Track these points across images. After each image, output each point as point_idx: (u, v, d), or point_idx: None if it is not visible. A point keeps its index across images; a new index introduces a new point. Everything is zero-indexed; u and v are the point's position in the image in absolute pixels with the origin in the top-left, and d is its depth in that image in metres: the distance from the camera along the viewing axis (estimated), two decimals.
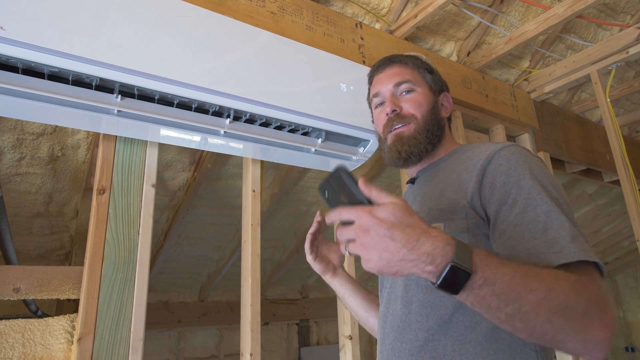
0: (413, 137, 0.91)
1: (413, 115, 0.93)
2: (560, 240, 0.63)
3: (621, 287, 5.59)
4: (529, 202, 0.68)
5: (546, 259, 0.62)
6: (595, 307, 0.57)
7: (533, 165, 0.73)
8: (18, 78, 0.94)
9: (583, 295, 0.57)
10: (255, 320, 1.29)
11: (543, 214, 0.66)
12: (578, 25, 2.20)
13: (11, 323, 0.98)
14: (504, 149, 0.77)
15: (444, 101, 1.00)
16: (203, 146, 1.28)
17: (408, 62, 0.98)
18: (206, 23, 1.16)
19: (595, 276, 0.61)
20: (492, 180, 0.73)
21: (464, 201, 0.75)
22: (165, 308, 2.94)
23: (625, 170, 1.98)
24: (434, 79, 0.99)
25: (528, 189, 0.69)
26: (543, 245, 0.63)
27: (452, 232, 0.73)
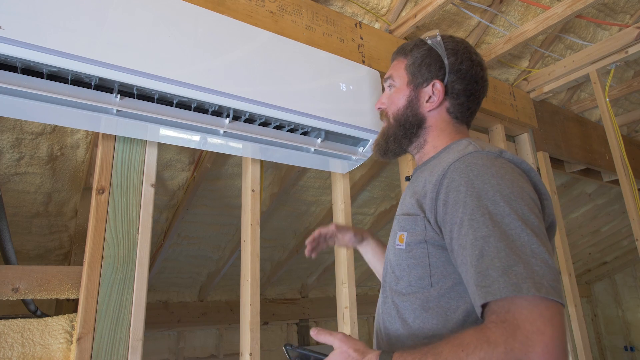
0: (385, 133, 0.97)
1: (387, 114, 0.97)
2: (491, 272, 0.61)
3: (620, 286, 5.60)
4: (471, 224, 0.66)
5: (477, 293, 0.62)
6: (509, 357, 0.56)
7: (487, 178, 0.69)
8: (17, 77, 0.94)
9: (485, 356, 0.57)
10: (254, 319, 1.29)
11: (481, 238, 0.64)
12: (577, 25, 2.20)
13: (10, 323, 0.98)
14: (459, 161, 0.74)
15: (433, 91, 0.91)
16: (202, 146, 1.27)
17: (407, 52, 0.97)
18: (205, 22, 1.15)
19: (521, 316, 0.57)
20: (445, 198, 0.72)
21: (423, 214, 0.77)
22: (164, 308, 2.94)
23: (624, 169, 1.98)
24: (420, 69, 0.92)
25: (471, 209, 0.67)
26: (476, 276, 0.63)
27: (413, 242, 0.78)
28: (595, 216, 3.83)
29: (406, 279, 0.78)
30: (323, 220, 2.65)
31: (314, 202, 2.53)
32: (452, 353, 0.60)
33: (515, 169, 0.73)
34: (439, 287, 0.74)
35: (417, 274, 0.77)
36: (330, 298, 3.74)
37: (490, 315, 0.60)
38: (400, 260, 0.80)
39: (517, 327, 0.56)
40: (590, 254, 4.84)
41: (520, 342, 0.56)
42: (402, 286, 0.79)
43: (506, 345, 0.56)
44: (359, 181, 2.46)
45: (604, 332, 5.71)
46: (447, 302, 0.73)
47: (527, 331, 0.56)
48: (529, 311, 0.57)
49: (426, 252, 0.76)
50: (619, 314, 5.57)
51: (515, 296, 0.58)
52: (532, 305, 0.58)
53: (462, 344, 0.60)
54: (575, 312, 2.10)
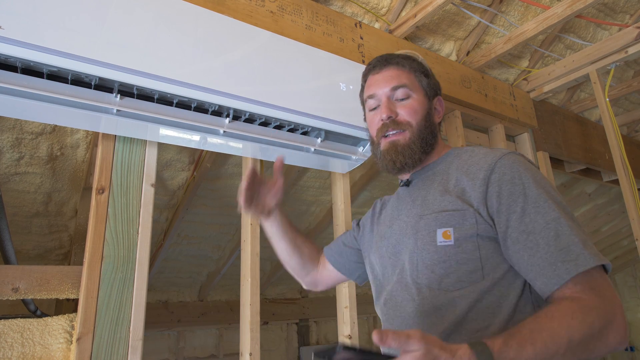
0: (408, 146, 0.90)
1: (409, 122, 0.91)
2: (573, 247, 0.68)
3: (620, 286, 5.59)
4: (537, 211, 0.72)
5: (565, 267, 0.68)
6: (605, 322, 0.64)
7: (534, 173, 0.77)
8: (17, 77, 0.94)
9: (594, 322, 0.63)
10: (254, 319, 1.29)
11: (553, 221, 0.71)
12: (577, 24, 2.20)
13: (10, 323, 0.98)
14: (505, 157, 0.80)
15: (437, 105, 0.98)
16: (202, 145, 1.27)
17: (405, 65, 0.95)
18: (205, 22, 1.15)
19: (600, 283, 0.67)
20: (498, 190, 0.76)
21: (472, 208, 0.78)
22: (164, 307, 2.94)
23: (624, 169, 1.98)
24: (430, 82, 0.96)
25: (535, 197, 0.74)
26: (559, 254, 0.69)
27: (462, 236, 0.77)
28: (595, 216, 3.83)
29: (454, 275, 0.77)
30: (323, 220, 2.65)
31: (314, 202, 2.53)
32: (564, 324, 0.63)
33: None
34: (491, 278, 0.75)
35: (467, 268, 0.76)
36: (330, 298, 3.74)
37: (574, 287, 0.67)
38: (447, 257, 0.78)
39: (603, 294, 0.66)
40: None
41: (609, 304, 0.65)
42: (449, 283, 0.77)
43: (603, 308, 0.65)
44: (359, 181, 2.46)
45: None
46: (499, 291, 0.75)
47: (609, 296, 0.66)
48: (603, 280, 0.68)
49: (477, 246, 0.76)
50: None
51: (590, 269, 0.67)
52: (603, 275, 0.69)
53: (568, 313, 0.64)
54: None
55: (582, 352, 0.63)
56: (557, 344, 0.61)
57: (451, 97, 1.94)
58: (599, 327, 0.63)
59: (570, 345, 0.61)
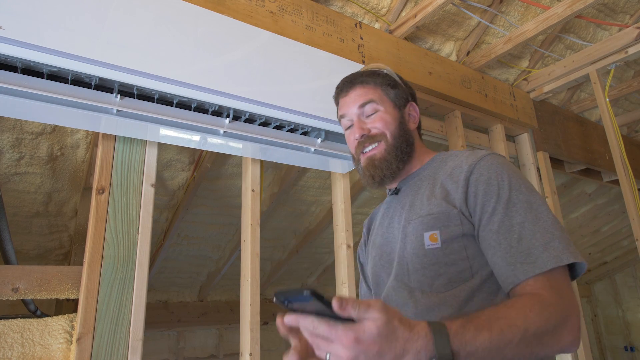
0: (384, 158, 0.93)
1: (383, 133, 0.93)
2: (533, 250, 0.71)
3: (620, 286, 5.59)
4: (506, 212, 0.75)
5: (523, 269, 0.71)
6: (561, 320, 0.66)
7: (511, 173, 0.80)
8: (17, 77, 0.94)
9: (550, 317, 0.65)
10: (254, 319, 1.29)
11: (518, 224, 0.74)
12: (577, 25, 2.20)
13: (10, 323, 0.98)
14: (484, 159, 0.82)
15: (411, 111, 1.00)
16: (202, 146, 1.27)
17: (369, 82, 0.97)
18: (206, 22, 1.15)
19: (560, 283, 0.69)
20: (475, 190, 0.80)
21: (456, 209, 0.80)
22: (164, 308, 2.94)
23: (624, 169, 1.98)
24: (398, 93, 0.98)
25: (506, 198, 0.76)
26: (518, 256, 0.72)
27: (449, 238, 0.79)
28: (595, 216, 3.83)
29: (445, 276, 0.79)
30: (323, 220, 2.65)
31: (314, 202, 2.53)
32: (521, 315, 0.65)
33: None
34: (480, 276, 0.78)
35: (457, 269, 0.78)
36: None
37: (534, 284, 0.70)
38: (436, 259, 0.80)
39: (562, 292, 0.68)
40: (590, 254, 4.84)
41: (566, 304, 0.67)
42: (440, 285, 0.79)
43: (560, 306, 0.67)
44: (359, 181, 2.46)
45: (604, 332, 5.71)
46: (489, 287, 0.77)
47: (567, 296, 0.69)
48: (565, 281, 0.71)
49: (463, 246, 0.79)
50: (619, 314, 5.57)
51: (553, 270, 0.69)
52: (565, 276, 0.71)
53: (527, 305, 0.66)
54: None
55: (536, 345, 0.64)
56: (513, 332, 0.62)
57: (451, 97, 1.94)
58: (554, 324, 0.65)
59: (525, 336, 0.63)
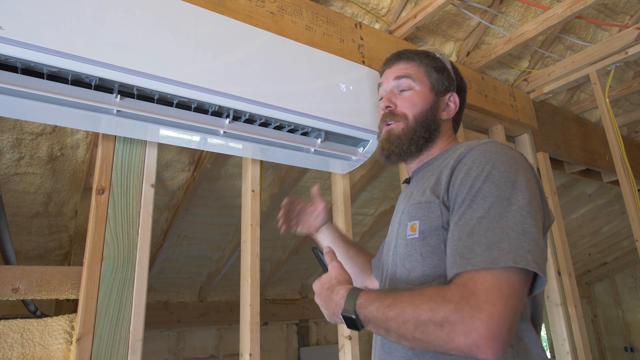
0: (398, 136, 0.93)
1: (405, 115, 0.94)
2: (477, 247, 0.65)
3: (620, 287, 5.59)
4: (470, 205, 0.70)
5: (460, 262, 0.66)
6: (454, 318, 0.60)
7: (497, 164, 0.72)
8: (17, 78, 0.94)
9: (435, 310, 0.61)
10: (254, 320, 1.29)
11: (476, 219, 0.68)
12: (577, 25, 2.21)
13: (10, 323, 0.98)
14: (475, 148, 0.78)
15: (450, 102, 0.98)
16: (202, 146, 1.27)
17: (415, 59, 0.98)
18: (205, 23, 1.15)
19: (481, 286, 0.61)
20: (455, 180, 0.76)
21: (438, 200, 0.78)
22: (164, 308, 2.94)
23: (624, 170, 1.98)
24: (440, 77, 0.97)
25: (476, 191, 0.71)
26: (463, 249, 0.67)
27: (427, 229, 0.77)
28: (595, 217, 3.83)
29: (420, 269, 0.77)
30: None
31: None
32: (409, 298, 0.66)
33: (527, 162, 0.78)
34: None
35: (432, 262, 0.75)
36: None
37: (455, 280, 0.65)
38: (413, 250, 0.79)
39: (473, 293, 0.61)
40: (590, 255, 4.84)
41: (470, 306, 0.59)
42: (414, 277, 0.78)
43: (457, 304, 0.60)
44: (358, 181, 2.46)
45: (604, 333, 5.70)
46: None
47: (480, 299, 0.60)
48: (490, 284, 0.61)
49: (442, 239, 0.75)
50: (619, 315, 5.57)
51: (486, 270, 0.62)
52: (497, 279, 0.61)
53: (421, 293, 0.65)
54: (575, 313, 2.10)
55: (416, 331, 0.63)
56: (394, 311, 0.65)
57: None
58: (441, 318, 0.60)
59: (405, 317, 0.64)
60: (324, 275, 0.83)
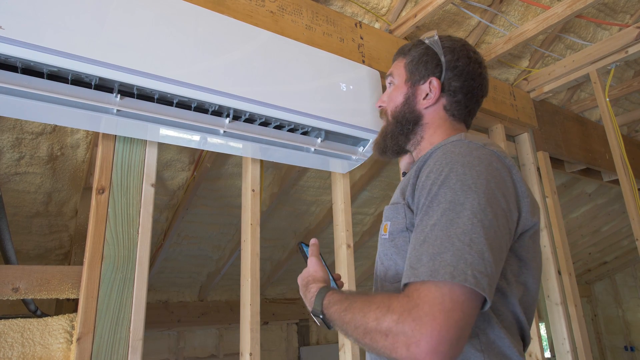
0: (384, 131, 0.98)
1: (387, 111, 0.99)
2: (423, 257, 0.63)
3: (620, 286, 5.60)
4: (427, 212, 0.68)
5: (408, 273, 0.64)
6: (395, 328, 0.59)
7: (456, 167, 0.69)
8: (17, 77, 0.94)
9: (380, 318, 0.62)
10: (254, 319, 1.29)
11: (429, 226, 0.65)
12: (577, 24, 2.20)
13: (10, 323, 0.98)
14: (440, 148, 0.76)
15: (426, 89, 0.91)
16: (202, 146, 1.27)
17: (406, 53, 0.99)
18: (206, 22, 1.15)
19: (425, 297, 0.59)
20: (419, 182, 0.74)
21: (404, 201, 0.78)
22: (164, 307, 2.94)
23: (624, 169, 1.98)
24: (417, 66, 0.92)
25: (432, 196, 0.68)
26: (413, 259, 0.65)
27: (395, 230, 0.79)
28: (595, 216, 3.83)
29: (393, 268, 0.80)
30: (323, 220, 2.65)
31: (314, 202, 2.53)
32: (360, 304, 0.68)
33: (497, 162, 0.72)
34: None
35: (402, 263, 0.77)
36: None
37: (404, 290, 0.64)
38: (386, 249, 0.82)
39: (416, 305, 0.59)
40: (591, 254, 4.84)
41: (412, 318, 0.58)
42: (390, 276, 0.81)
43: (400, 316, 0.60)
44: (359, 181, 2.46)
45: (604, 332, 5.71)
46: None
47: (422, 312, 0.58)
48: (433, 297, 0.59)
49: (407, 240, 0.76)
50: (619, 314, 5.57)
51: (431, 282, 0.60)
52: (440, 292, 0.59)
53: (371, 301, 0.67)
54: (575, 312, 2.10)
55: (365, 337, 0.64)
56: (348, 316, 0.68)
57: None
58: (385, 327, 0.60)
59: (356, 323, 0.66)
60: (304, 270, 0.87)
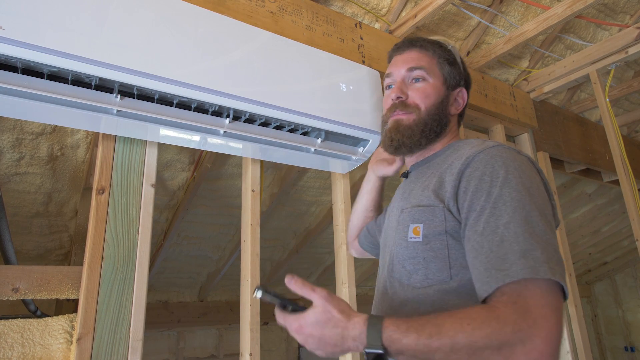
0: (409, 127, 0.90)
1: (417, 106, 0.91)
2: (510, 256, 0.63)
3: (620, 286, 5.59)
4: (493, 212, 0.68)
5: (496, 276, 0.63)
6: (514, 339, 0.58)
7: (510, 169, 0.71)
8: (17, 78, 0.94)
9: (491, 334, 0.59)
10: (254, 320, 1.29)
11: (503, 225, 0.66)
12: (577, 25, 2.20)
13: (10, 323, 0.98)
14: (484, 152, 0.75)
15: (458, 97, 0.96)
16: (202, 146, 1.27)
17: (429, 49, 0.94)
18: (206, 23, 1.15)
19: (529, 298, 0.60)
20: (466, 185, 0.73)
21: (443, 204, 0.76)
22: (164, 308, 2.94)
23: (624, 170, 1.98)
24: (452, 71, 0.95)
25: (496, 197, 0.69)
26: (496, 261, 0.64)
27: (431, 233, 0.76)
28: (595, 216, 3.83)
29: (422, 272, 0.76)
30: (323, 220, 2.65)
31: (314, 202, 2.53)
32: (456, 325, 0.61)
33: (533, 167, 0.76)
34: (459, 279, 0.73)
35: (435, 266, 0.75)
36: None
37: (501, 297, 0.62)
38: (415, 253, 0.77)
39: (527, 310, 0.59)
40: (591, 254, 4.83)
41: (528, 324, 0.58)
42: (416, 280, 0.77)
43: (514, 325, 0.58)
44: (359, 181, 2.46)
45: (604, 333, 5.70)
46: (467, 293, 0.72)
47: (535, 315, 0.59)
48: (540, 297, 0.60)
49: (445, 244, 0.74)
50: (619, 314, 5.57)
51: (528, 280, 0.61)
52: (543, 292, 0.60)
53: (468, 317, 0.61)
54: (576, 313, 2.10)
55: (470, 358, 0.59)
56: (440, 341, 0.60)
57: None
58: (499, 342, 0.58)
59: (454, 347, 0.59)
60: (309, 311, 0.68)
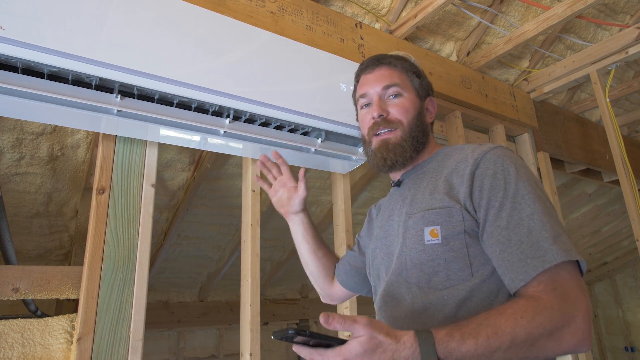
0: (399, 144, 0.91)
1: (400, 121, 0.92)
2: (543, 243, 0.69)
3: (621, 286, 5.59)
4: (514, 206, 0.73)
5: (533, 263, 0.68)
6: (561, 323, 0.63)
7: (517, 167, 0.77)
8: (18, 78, 0.94)
9: (544, 322, 0.63)
10: (254, 320, 1.29)
11: (527, 217, 0.71)
12: (577, 25, 2.20)
13: (10, 323, 0.98)
14: (490, 152, 0.80)
15: (429, 106, 1.00)
16: (203, 146, 1.28)
17: (397, 65, 0.96)
18: (206, 23, 1.16)
19: (566, 282, 0.66)
20: (480, 185, 0.77)
21: (459, 205, 0.78)
22: (164, 308, 2.94)
23: (624, 170, 1.98)
24: (421, 83, 0.98)
25: (513, 192, 0.74)
26: (529, 250, 0.69)
27: (450, 234, 0.77)
28: (595, 216, 3.83)
29: (443, 273, 0.77)
30: (323, 220, 2.65)
31: (314, 202, 2.53)
32: (510, 321, 0.63)
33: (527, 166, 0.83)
34: (480, 275, 0.75)
35: (456, 266, 0.76)
36: None
37: (538, 286, 0.67)
38: (435, 255, 0.78)
39: (566, 294, 0.65)
40: (591, 255, 4.83)
41: (569, 306, 0.64)
42: (438, 282, 0.77)
43: (560, 310, 0.64)
44: (359, 181, 2.46)
45: (604, 333, 5.70)
46: (489, 288, 0.75)
47: (573, 298, 0.65)
48: (570, 280, 0.67)
49: (464, 243, 0.76)
50: (619, 315, 5.56)
51: (558, 266, 0.66)
52: (571, 274, 0.67)
53: (519, 311, 0.64)
54: None
55: (529, 350, 0.63)
56: (500, 340, 0.62)
57: (451, 97, 1.94)
58: (551, 328, 0.63)
59: (514, 342, 0.62)
60: (352, 342, 0.62)
